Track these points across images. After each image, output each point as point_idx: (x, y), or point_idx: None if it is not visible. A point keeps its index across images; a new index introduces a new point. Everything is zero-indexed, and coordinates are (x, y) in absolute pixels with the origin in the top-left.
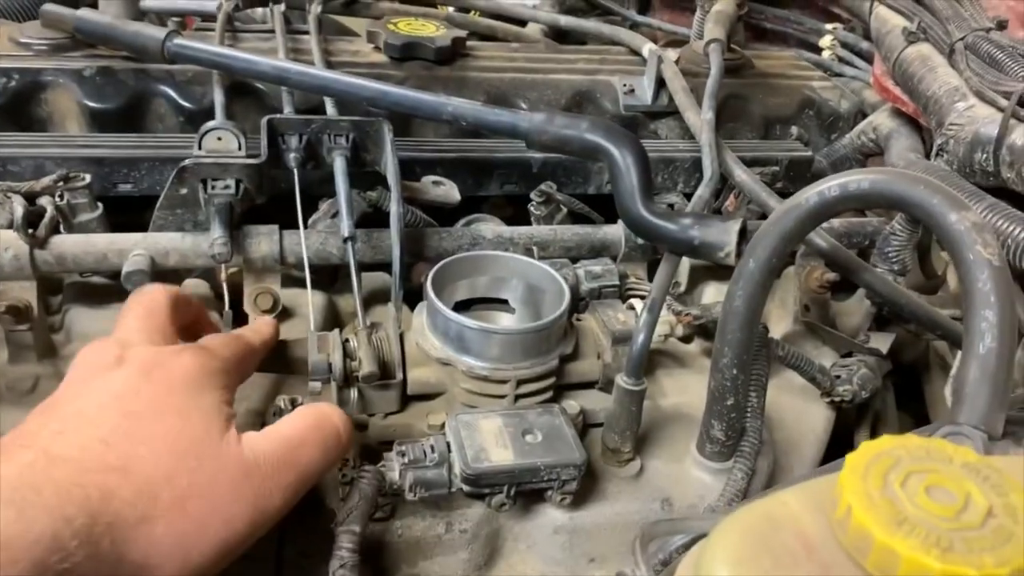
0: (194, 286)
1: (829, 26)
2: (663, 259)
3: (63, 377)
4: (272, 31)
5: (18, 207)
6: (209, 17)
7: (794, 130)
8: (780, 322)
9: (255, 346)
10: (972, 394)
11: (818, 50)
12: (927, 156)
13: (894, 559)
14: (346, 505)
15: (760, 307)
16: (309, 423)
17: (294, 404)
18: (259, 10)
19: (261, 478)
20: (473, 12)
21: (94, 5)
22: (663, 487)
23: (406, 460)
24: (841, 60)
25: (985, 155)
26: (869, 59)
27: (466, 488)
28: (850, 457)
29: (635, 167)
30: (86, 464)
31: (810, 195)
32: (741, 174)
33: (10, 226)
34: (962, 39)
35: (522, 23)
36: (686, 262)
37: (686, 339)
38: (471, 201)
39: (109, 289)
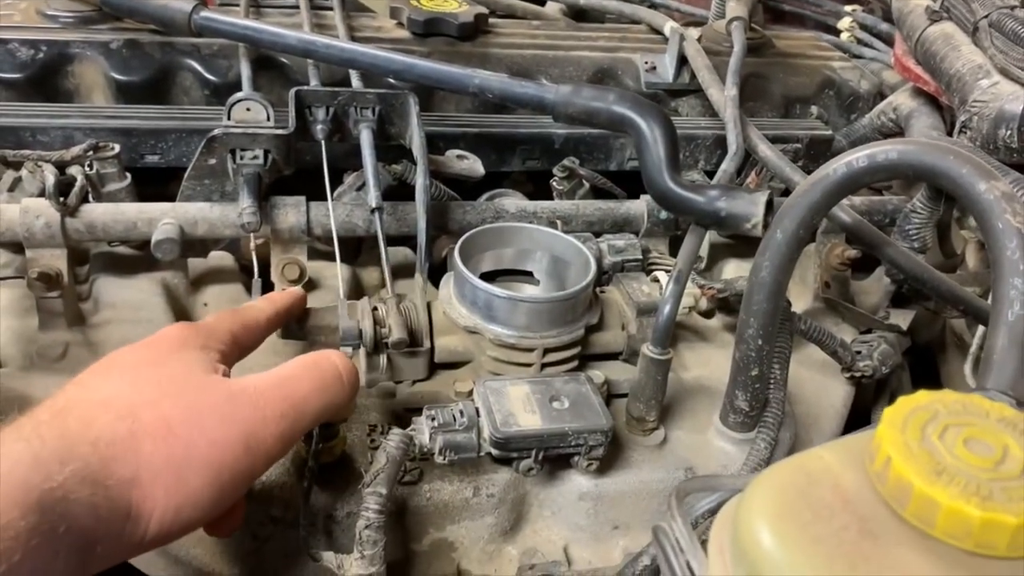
0: (220, 258)
1: (848, 8)
2: (689, 231)
3: (92, 344)
4: (295, 7)
5: (49, 176)
6: None
7: (814, 109)
8: (800, 299)
9: (260, 318)
10: (1000, 361)
11: (837, 32)
12: (948, 135)
13: (933, 508)
14: (373, 467)
15: (787, 279)
16: (306, 362)
17: None
18: None
19: (250, 405)
20: None
21: None
22: (686, 456)
23: (436, 424)
24: (860, 42)
25: (1009, 131)
26: (889, 41)
27: (495, 452)
28: (888, 410)
29: (663, 139)
30: (61, 404)
31: (838, 166)
32: (765, 149)
33: (41, 194)
34: (986, 16)
35: (541, 2)
36: (706, 240)
37: (707, 314)
38: (493, 176)
39: (136, 259)
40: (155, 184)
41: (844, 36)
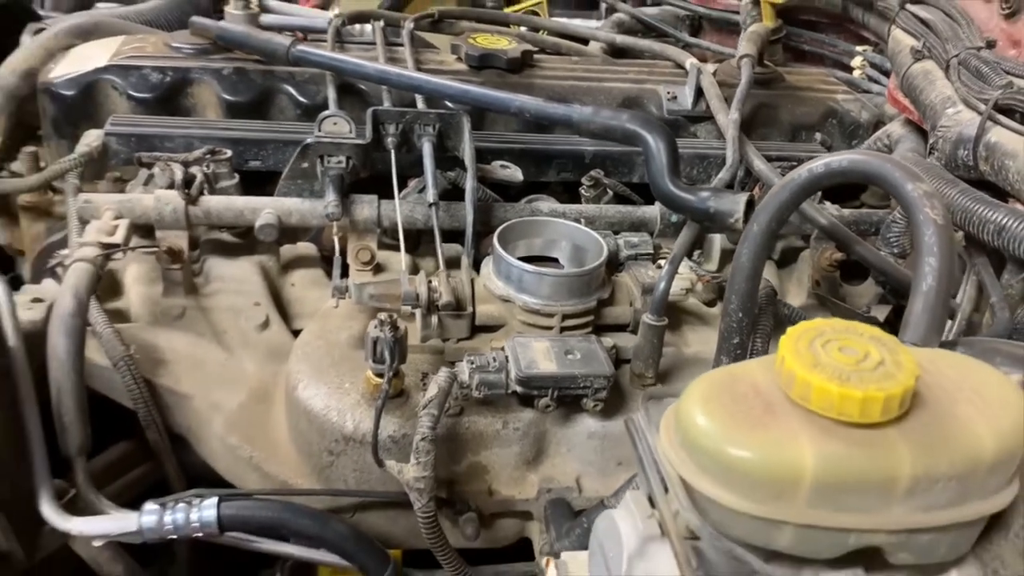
0: (305, 247)
1: (859, 48)
2: (685, 225)
3: (204, 309)
4: (373, 43)
5: (178, 172)
6: (318, 32)
7: (818, 136)
8: (796, 297)
9: None
10: (915, 322)
11: (850, 69)
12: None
13: (808, 388)
14: (426, 396)
15: (762, 263)
16: None
17: (392, 321)
18: (359, 26)
19: None
20: (541, 31)
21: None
22: None
23: (474, 366)
24: (870, 78)
25: (966, 151)
26: None
27: (519, 389)
28: (790, 329)
29: (665, 150)
30: None
31: (802, 171)
32: (759, 163)
33: (170, 187)
34: (956, 56)
35: (584, 41)
36: (717, 245)
37: (710, 303)
38: (533, 185)
39: (238, 245)
40: (256, 184)
41: (856, 73)
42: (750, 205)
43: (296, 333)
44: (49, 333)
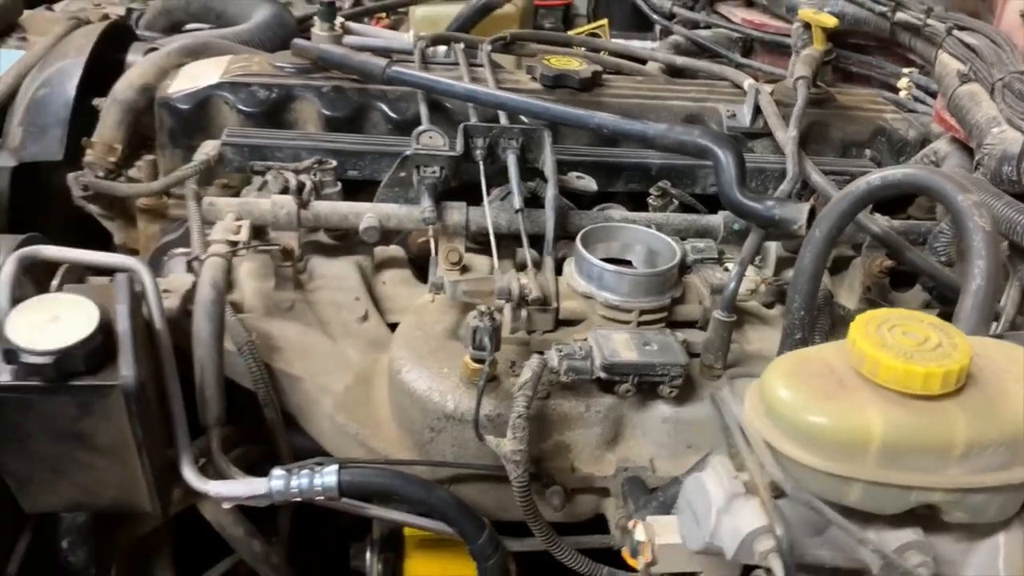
0: (394, 250)
1: (906, 70)
2: (751, 231)
3: (310, 303)
4: (452, 63)
5: (292, 179)
6: (397, 52)
7: (868, 153)
8: (848, 301)
9: None
10: (965, 317)
11: (896, 91)
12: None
13: (878, 365)
14: (521, 379)
15: (823, 266)
16: None
17: (490, 313)
18: (439, 47)
19: None
20: (603, 52)
21: None
22: None
23: (562, 353)
24: (916, 99)
25: (1010, 167)
26: None
27: (603, 375)
28: (859, 316)
29: (734, 163)
30: None
31: (861, 183)
32: (815, 176)
33: (283, 192)
34: (1001, 79)
35: (643, 62)
36: (773, 253)
37: (769, 305)
38: (601, 197)
39: (336, 247)
40: (352, 191)
41: (902, 94)
42: (812, 214)
43: (390, 326)
44: (194, 318)
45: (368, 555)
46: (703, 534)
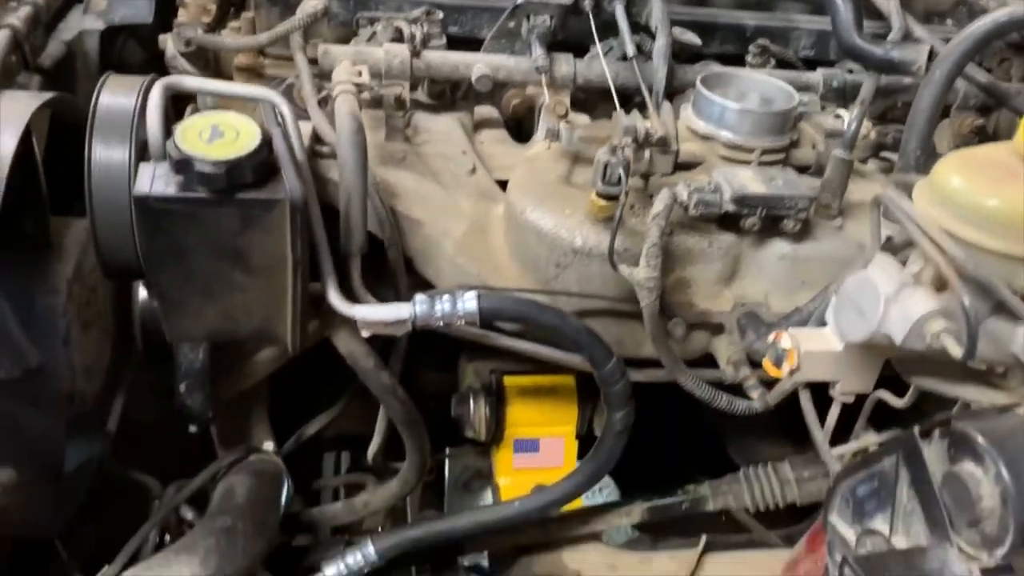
0: (488, 111)
1: None
2: (867, 76)
3: (420, 155)
4: None
5: (404, 27)
6: None
7: (949, 22)
8: None
9: None
10: None
11: None
12: None
13: None
14: (652, 211)
15: (940, 107)
16: None
17: (622, 148)
18: None
19: None
20: None
21: None
22: (857, 236)
23: (692, 188)
24: None
25: None
26: None
27: (732, 208)
28: None
29: (851, 7)
30: None
31: (985, 20)
32: (918, 29)
33: (395, 41)
34: None
35: None
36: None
37: (863, 161)
38: (695, 57)
39: (437, 106)
40: (451, 48)
41: None
42: (930, 55)
43: (496, 182)
44: (339, 148)
45: (471, 403)
46: (869, 325)
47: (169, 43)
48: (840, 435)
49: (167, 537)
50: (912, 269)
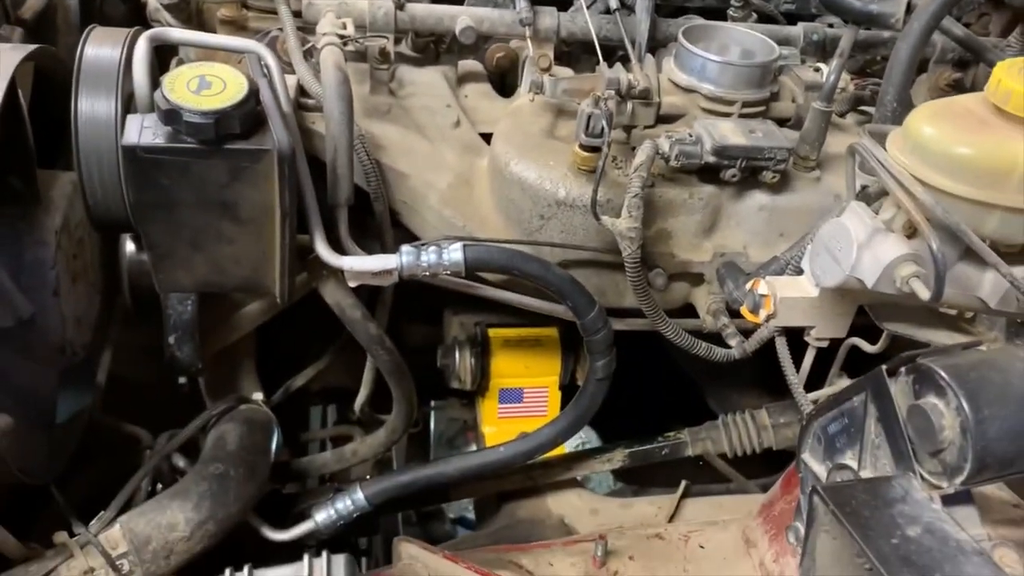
0: (472, 64)
1: None
2: (847, 28)
3: (404, 108)
4: None
5: None
6: None
7: None
8: None
9: None
10: None
11: None
12: None
13: (1022, 99)
14: (634, 163)
15: (916, 60)
16: None
17: (604, 100)
18: None
19: None
20: None
21: None
22: (834, 188)
23: (673, 139)
24: None
25: None
26: None
27: (712, 159)
28: (1000, 64)
29: None
30: None
31: None
32: None
33: None
34: None
35: None
36: None
37: (841, 115)
38: (677, 11)
39: (421, 59)
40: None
41: None
42: (908, 8)
43: (481, 135)
44: (325, 100)
45: (456, 354)
46: (842, 270)
47: None
48: (816, 382)
49: (159, 486)
50: (884, 216)
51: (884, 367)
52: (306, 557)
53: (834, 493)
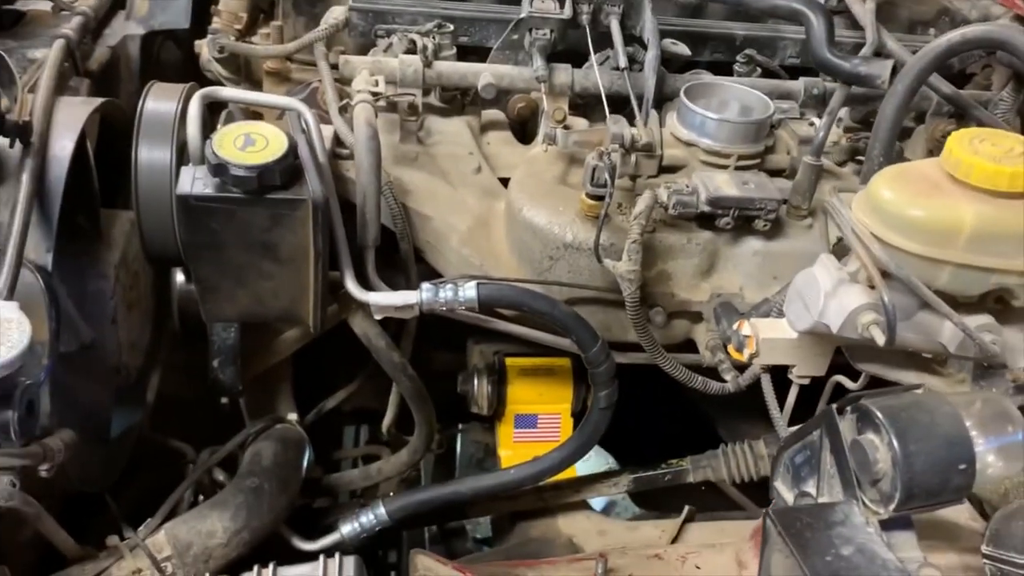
0: (495, 113)
1: None
2: (838, 88)
3: (431, 156)
4: None
5: (418, 39)
6: None
7: (932, 31)
8: None
9: None
10: None
11: None
12: None
13: (971, 168)
14: (635, 211)
15: (902, 118)
16: None
17: (608, 154)
18: None
19: None
20: None
21: None
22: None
23: (671, 189)
24: None
25: None
26: None
27: (707, 209)
28: (954, 133)
29: (824, 24)
30: None
31: (941, 40)
32: (891, 42)
33: (409, 53)
34: None
35: None
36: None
37: (840, 164)
38: (688, 65)
39: (447, 109)
40: (461, 57)
41: None
42: (894, 70)
43: (500, 180)
44: (356, 152)
45: (475, 380)
46: (811, 316)
47: (204, 49)
48: (806, 416)
49: (200, 497)
50: (851, 268)
51: (835, 406)
52: (321, 557)
53: (782, 516)
